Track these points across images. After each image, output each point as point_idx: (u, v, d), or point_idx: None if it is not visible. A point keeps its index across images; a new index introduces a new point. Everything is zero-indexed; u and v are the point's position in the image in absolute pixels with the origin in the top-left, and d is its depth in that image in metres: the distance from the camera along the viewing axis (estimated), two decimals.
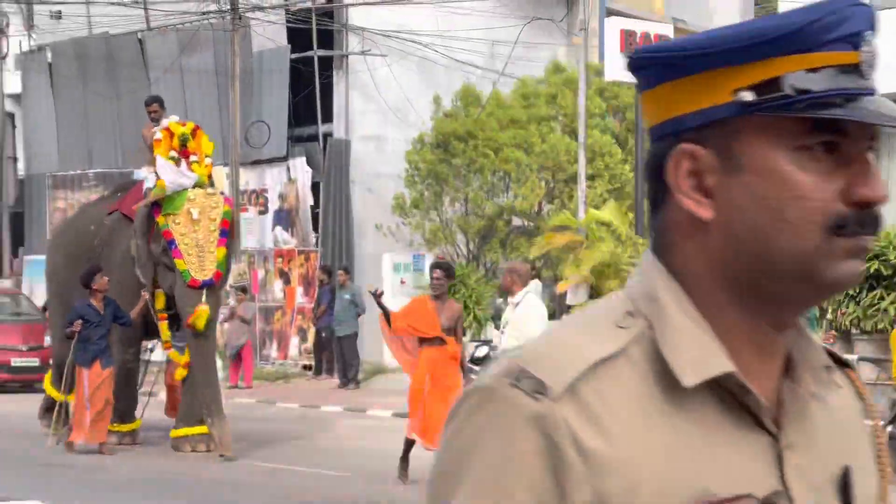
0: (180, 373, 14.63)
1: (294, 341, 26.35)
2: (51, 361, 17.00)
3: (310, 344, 25.50)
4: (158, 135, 14.46)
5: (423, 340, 12.38)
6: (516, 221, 26.31)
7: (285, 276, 26.74)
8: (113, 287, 14.26)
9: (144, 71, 28.67)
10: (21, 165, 31.44)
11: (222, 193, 15.11)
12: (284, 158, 26.84)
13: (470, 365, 17.13)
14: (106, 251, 14.91)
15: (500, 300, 21.00)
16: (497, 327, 17.85)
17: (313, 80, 26.34)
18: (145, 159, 15.40)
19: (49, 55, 30.58)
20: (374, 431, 16.94)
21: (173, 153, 14.35)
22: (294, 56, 26.72)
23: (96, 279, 14.12)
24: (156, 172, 14.47)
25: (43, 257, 30.22)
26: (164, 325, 14.76)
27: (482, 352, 17.40)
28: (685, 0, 33.82)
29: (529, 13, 23.93)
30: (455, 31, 26.19)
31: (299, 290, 26.37)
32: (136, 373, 15.67)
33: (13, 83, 31.60)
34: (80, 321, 14.00)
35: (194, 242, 13.92)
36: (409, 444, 12.49)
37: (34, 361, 22.55)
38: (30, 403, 17.54)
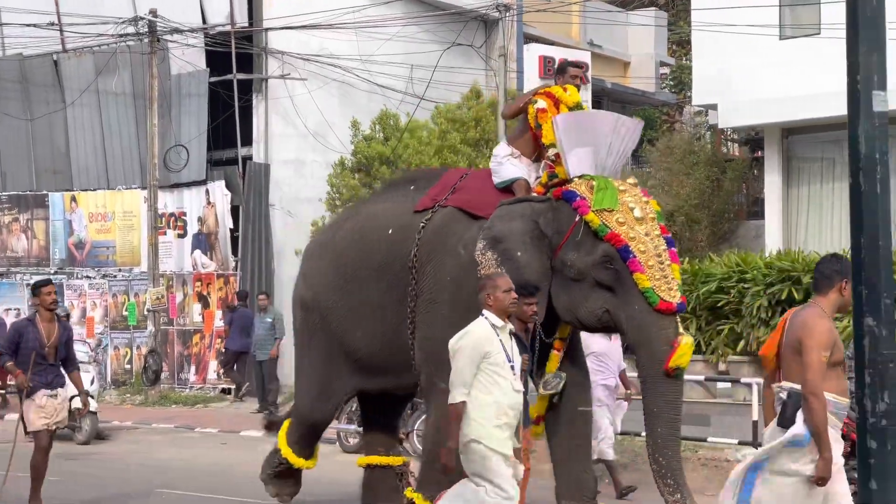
0: (538, 430, 10.27)
1: (212, 365, 26.21)
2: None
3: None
4: (541, 103, 10.28)
5: None
6: None
7: (204, 300, 26.59)
8: (454, 308, 9.90)
9: (60, 93, 28.38)
10: None
11: (637, 184, 10.19)
12: (203, 182, 26.72)
13: None
14: (433, 260, 10.40)
15: None
16: None
17: (232, 104, 26.29)
18: (507, 136, 11.05)
19: None
20: None
21: None
22: (213, 79, 26.61)
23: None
24: (538, 150, 10.35)
25: None
26: (557, 357, 10.26)
27: None
28: (600, 26, 34.30)
29: (449, 39, 24.11)
30: (375, 56, 26.32)
31: (218, 313, 26.23)
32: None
33: None
34: None
35: (652, 251, 9.63)
36: None
37: None
38: None
